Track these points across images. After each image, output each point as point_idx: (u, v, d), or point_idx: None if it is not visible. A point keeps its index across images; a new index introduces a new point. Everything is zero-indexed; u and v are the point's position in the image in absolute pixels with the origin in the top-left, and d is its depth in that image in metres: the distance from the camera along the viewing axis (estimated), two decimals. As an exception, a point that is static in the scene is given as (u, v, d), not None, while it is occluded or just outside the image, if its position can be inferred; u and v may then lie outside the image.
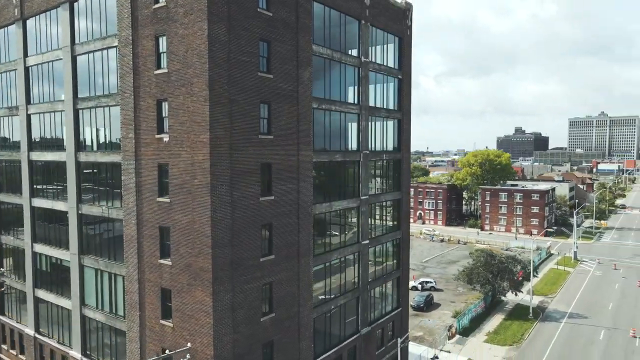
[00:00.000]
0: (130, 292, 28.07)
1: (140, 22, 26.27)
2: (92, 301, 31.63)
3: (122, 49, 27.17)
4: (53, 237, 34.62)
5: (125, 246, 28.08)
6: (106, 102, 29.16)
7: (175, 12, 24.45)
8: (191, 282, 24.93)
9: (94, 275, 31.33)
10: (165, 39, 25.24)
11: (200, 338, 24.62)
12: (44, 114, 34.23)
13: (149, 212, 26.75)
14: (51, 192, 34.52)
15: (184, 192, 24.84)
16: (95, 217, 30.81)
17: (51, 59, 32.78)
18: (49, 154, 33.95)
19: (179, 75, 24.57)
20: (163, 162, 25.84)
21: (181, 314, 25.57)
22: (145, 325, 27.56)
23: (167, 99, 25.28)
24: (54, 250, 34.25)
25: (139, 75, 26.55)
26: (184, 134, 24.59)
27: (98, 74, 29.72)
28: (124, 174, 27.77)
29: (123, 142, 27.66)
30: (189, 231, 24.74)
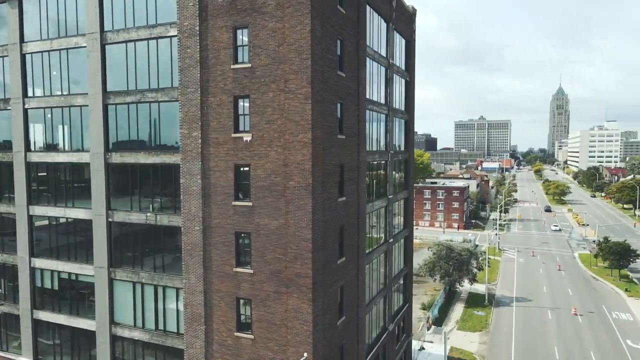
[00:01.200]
0: (192, 305, 25.71)
1: (210, 12, 24.22)
2: (127, 319, 28.32)
3: (184, 40, 24.78)
4: (64, 250, 30.31)
5: (186, 255, 25.64)
6: (154, 97, 26.35)
7: (264, 4, 22.98)
8: (281, 289, 23.61)
9: (130, 290, 28.06)
10: (247, 32, 23.60)
11: (295, 347, 23.44)
12: (52, 109, 29.83)
13: (220, 218, 24.76)
14: (61, 198, 30.18)
15: (273, 194, 23.44)
16: (133, 225, 27.63)
17: (66, 47, 28.71)
18: (60, 154, 29.66)
19: (267, 71, 23.14)
20: (242, 163, 24.11)
21: (266, 324, 24.09)
22: (213, 339, 25.45)
23: (250, 96, 23.66)
24: (67, 264, 30.00)
25: (208, 69, 24.46)
26: (273, 133, 23.22)
27: (142, 65, 26.72)
28: (184, 177, 25.36)
29: (184, 141, 25.23)
30: (280, 236, 23.43)
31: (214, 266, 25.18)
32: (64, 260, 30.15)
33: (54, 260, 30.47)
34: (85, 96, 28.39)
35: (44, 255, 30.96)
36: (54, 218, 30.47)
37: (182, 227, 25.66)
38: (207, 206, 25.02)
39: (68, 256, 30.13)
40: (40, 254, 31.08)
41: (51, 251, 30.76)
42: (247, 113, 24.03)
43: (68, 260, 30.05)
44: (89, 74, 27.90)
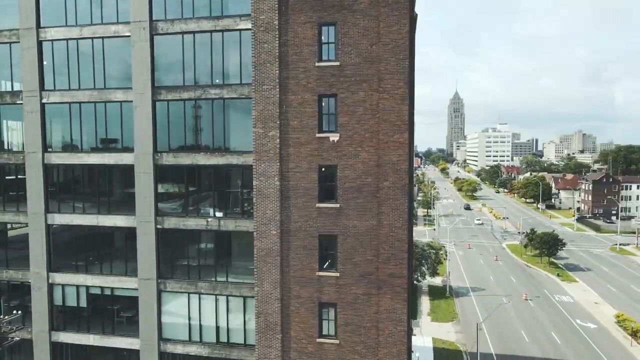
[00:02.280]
0: (266, 314, 24.41)
1: (291, 6, 23.22)
2: (180, 333, 26.07)
3: (260, 35, 23.46)
4: (94, 262, 27.07)
5: (259, 261, 24.26)
6: (218, 94, 24.58)
7: (355, 1, 22.55)
8: (371, 291, 23.33)
9: (185, 302, 25.87)
10: (334, 29, 22.99)
11: (387, 349, 23.30)
12: (81, 104, 26.47)
13: (301, 221, 23.81)
14: (91, 205, 26.91)
15: (363, 195, 23.08)
16: (188, 231, 25.53)
17: (101, 35, 25.69)
18: (92, 155, 26.42)
19: (358, 70, 22.74)
20: (328, 164, 23.42)
21: (353, 327, 23.64)
22: (290, 348, 24.39)
23: (337, 95, 23.07)
24: (99, 278, 26.82)
25: (288, 65, 23.42)
26: (364, 133, 22.88)
27: (203, 60, 24.77)
28: (259, 179, 24.00)
29: (259, 141, 23.86)
30: (371, 237, 23.14)
31: (292, 271, 24.15)
32: (94, 274, 26.94)
33: (81, 274, 27.09)
34: (127, 91, 25.64)
35: (67, 269, 27.41)
36: (80, 227, 27.07)
37: (255, 231, 24.26)
38: (286, 209, 23.93)
39: (100, 269, 26.99)
40: (61, 269, 27.45)
41: (77, 265, 27.32)
42: (332, 112, 23.41)
43: (100, 273, 26.91)
44: (134, 67, 25.25)
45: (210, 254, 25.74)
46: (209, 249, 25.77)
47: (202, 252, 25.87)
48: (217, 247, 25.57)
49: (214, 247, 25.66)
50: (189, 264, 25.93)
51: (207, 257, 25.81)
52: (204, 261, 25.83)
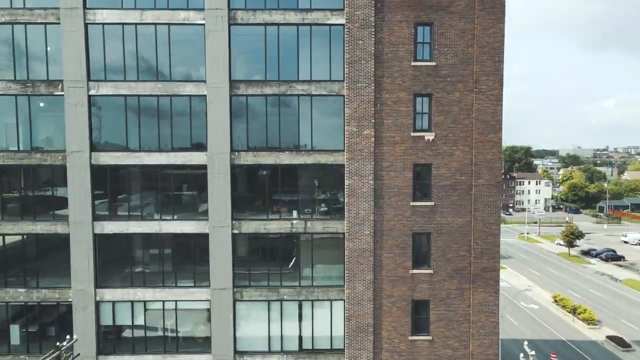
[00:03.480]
0: (357, 316, 23.89)
1: (387, 4, 23.05)
2: (257, 344, 24.39)
3: (354, 31, 22.92)
4: (153, 275, 24.19)
5: (351, 263, 23.67)
6: (305, 90, 23.49)
7: (452, 3, 23.07)
8: (464, 286, 24.03)
9: (264, 310, 24.27)
10: (430, 29, 23.27)
11: (480, 340, 24.16)
12: (139, 98, 23.50)
13: (395, 220, 23.71)
14: (151, 210, 24.04)
15: (458, 192, 23.69)
16: (266, 235, 24.03)
17: (166, 21, 23.10)
18: (153, 155, 23.58)
19: (454, 70, 23.30)
20: (422, 163, 23.62)
21: (446, 322, 24.14)
22: (382, 348, 24.16)
23: (433, 94, 23.38)
24: (161, 291, 24.03)
25: (383, 64, 23.21)
26: (459, 132, 23.50)
27: (288, 53, 23.46)
28: (352, 178, 23.42)
29: (352, 139, 23.28)
30: (464, 233, 23.83)
31: (384, 271, 23.97)
32: (156, 287, 24.13)
33: (138, 288, 24.10)
34: (199, 84, 23.39)
35: (118, 284, 24.19)
36: (134, 235, 24.07)
37: (347, 232, 23.64)
38: (379, 208, 23.68)
39: (162, 282, 24.25)
40: (111, 284, 24.16)
41: (132, 278, 24.24)
42: (426, 112, 23.67)
43: (163, 286, 24.19)
44: (208, 59, 23.11)
45: (293, 258, 24.49)
46: (289, 253, 24.49)
47: (284, 257, 24.50)
48: (302, 250, 24.39)
49: (296, 251, 24.45)
50: (269, 271, 24.40)
51: (288, 262, 24.51)
52: (285, 266, 24.49)
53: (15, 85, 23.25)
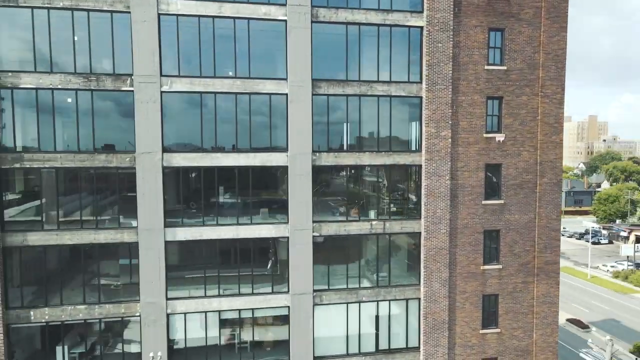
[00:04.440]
0: (433, 313, 24.31)
1: (464, 9, 23.73)
2: (335, 348, 23.94)
3: (435, 34, 23.33)
4: (226, 283, 22.82)
5: (428, 261, 24.04)
6: (385, 91, 23.47)
7: (521, 10, 24.28)
8: (528, 279, 25.37)
9: (342, 313, 23.87)
10: (501, 35, 24.29)
11: (542, 330, 25.62)
12: (216, 95, 22.05)
13: (468, 218, 24.46)
14: (227, 214, 22.64)
15: (524, 191, 24.96)
16: (347, 237, 23.69)
17: (246, 15, 21.96)
18: (230, 155, 22.23)
19: (522, 75, 24.54)
20: (493, 163, 24.59)
21: (512, 315, 25.34)
22: (455, 343, 24.81)
23: (503, 97, 24.44)
24: (237, 300, 22.74)
25: (460, 67, 23.86)
26: (526, 134, 24.78)
27: (369, 53, 23.28)
28: (430, 178, 23.80)
29: (429, 141, 23.66)
30: (529, 229, 25.17)
31: (458, 268, 24.64)
32: (231, 296, 22.82)
33: (213, 298, 22.62)
34: (280, 82, 22.50)
35: (191, 293, 22.55)
36: (205, 242, 22.59)
37: (425, 231, 23.99)
38: (454, 207, 24.30)
39: (238, 290, 22.98)
40: (182, 294, 22.46)
41: (205, 287, 22.70)
42: (496, 114, 24.67)
43: (239, 294, 22.93)
44: (290, 56, 22.30)
45: (371, 259, 24.33)
46: (366, 255, 24.31)
47: (361, 259, 24.26)
48: (379, 251, 24.30)
49: (374, 252, 24.34)
50: (347, 273, 24.04)
51: (367, 263, 24.32)
52: (363, 268, 24.26)
53: (75, 79, 20.85)
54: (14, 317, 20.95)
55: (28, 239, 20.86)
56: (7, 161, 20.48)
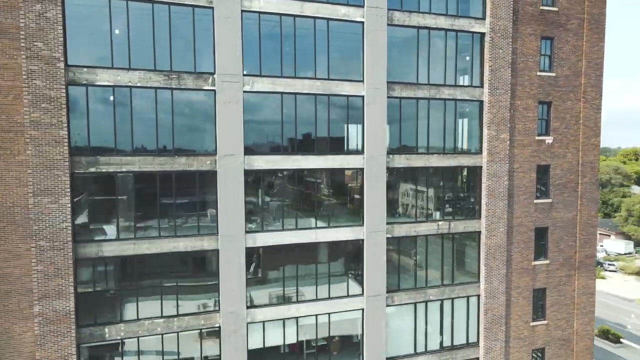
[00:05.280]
0: (492, 309, 25.27)
1: (520, 17, 24.91)
2: (404, 348, 24.16)
3: (497, 40, 24.28)
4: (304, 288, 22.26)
5: (488, 259, 24.95)
6: (451, 95, 24.06)
7: (568, 21, 25.88)
8: (570, 272, 27.10)
9: (410, 313, 24.14)
10: (551, 43, 25.74)
11: (582, 319, 27.47)
12: (296, 96, 21.45)
13: (522, 216, 25.69)
14: (307, 216, 22.08)
15: (568, 190, 26.63)
16: (414, 237, 24.00)
17: (325, 16, 21.60)
18: (309, 158, 21.71)
19: (567, 81, 26.18)
20: (543, 164, 26.01)
21: (557, 307, 26.94)
22: (510, 336, 25.95)
23: (552, 102, 25.92)
24: (315, 305, 22.27)
25: (517, 72, 25.01)
26: (570, 137, 26.46)
27: (437, 56, 23.72)
28: (490, 179, 24.72)
29: (490, 143, 24.57)
30: (572, 226, 26.89)
31: (513, 264, 25.80)
32: (309, 302, 22.31)
33: (292, 304, 22.00)
34: (356, 84, 22.36)
35: (269, 301, 21.79)
36: (281, 246, 21.94)
37: (486, 230, 24.88)
38: (510, 206, 25.42)
39: (315, 294, 22.51)
40: (259, 302, 21.64)
41: (284, 294, 22.03)
42: (544, 118, 26.10)
43: (316, 299, 22.47)
44: (367, 58, 22.25)
45: (435, 259, 24.78)
46: (432, 254, 24.75)
47: (427, 259, 24.64)
48: (444, 251, 24.82)
49: (438, 252, 24.82)
50: (416, 273, 24.35)
51: (432, 262, 24.75)
52: (429, 267, 24.66)
53: (156, 77, 19.44)
54: (87, 335, 19.18)
55: (103, 250, 19.18)
56: (81, 165, 18.70)
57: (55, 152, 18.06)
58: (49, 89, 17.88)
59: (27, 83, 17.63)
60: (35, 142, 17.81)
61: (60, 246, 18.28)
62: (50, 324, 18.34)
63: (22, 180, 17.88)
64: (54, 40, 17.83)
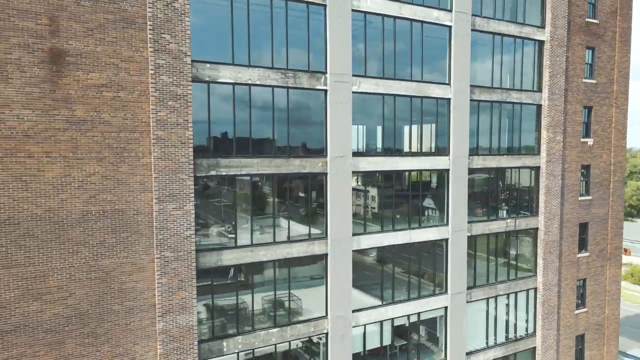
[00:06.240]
0: (548, 300, 26.97)
1: (571, 27, 26.81)
2: (479, 342, 25.03)
3: (555, 48, 25.94)
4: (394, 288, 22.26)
5: (545, 254, 26.60)
6: (518, 99, 25.32)
7: (604, 33, 28.26)
8: (604, 263, 29.64)
9: (483, 308, 25.05)
10: (592, 52, 27.96)
11: (611, 305, 30.13)
12: (395, 98, 21.39)
13: (570, 213, 27.67)
14: (400, 219, 22.04)
15: (602, 188, 29.10)
16: (487, 235, 24.95)
17: (420, 18, 21.81)
18: (406, 159, 21.76)
19: (604, 88, 28.60)
20: (586, 164, 28.18)
21: (594, 295, 29.35)
22: (560, 325, 27.83)
23: (592, 107, 28.18)
24: (408, 305, 22.35)
25: (568, 79, 26.90)
26: (605, 139, 28.93)
27: (507, 61, 24.81)
28: (548, 178, 26.36)
29: (549, 144, 26.21)
30: (604, 221, 29.41)
31: (563, 257, 27.70)
32: (403, 302, 22.37)
33: (388, 306, 21.93)
34: (445, 87, 22.81)
35: (370, 303, 21.55)
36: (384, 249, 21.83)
37: (544, 226, 26.49)
38: (561, 204, 27.27)
39: (408, 295, 22.62)
40: (361, 304, 21.34)
41: (382, 295, 21.88)
42: (585, 121, 28.30)
43: (408, 299, 22.59)
44: (454, 62, 22.79)
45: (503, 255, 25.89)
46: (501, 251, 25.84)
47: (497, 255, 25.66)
48: (509, 247, 26.01)
49: (506, 249, 25.97)
50: (488, 269, 25.28)
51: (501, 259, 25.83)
52: (499, 264, 25.72)
53: (274, 74, 18.51)
54: (206, 350, 17.84)
55: (222, 258, 17.95)
56: (202, 168, 17.35)
57: (180, 154, 16.63)
58: (176, 85, 16.42)
59: (154, 79, 16.07)
60: (161, 143, 16.28)
61: (185, 256, 16.87)
62: (173, 341, 16.86)
63: (146, 185, 16.26)
64: (181, 32, 16.41)
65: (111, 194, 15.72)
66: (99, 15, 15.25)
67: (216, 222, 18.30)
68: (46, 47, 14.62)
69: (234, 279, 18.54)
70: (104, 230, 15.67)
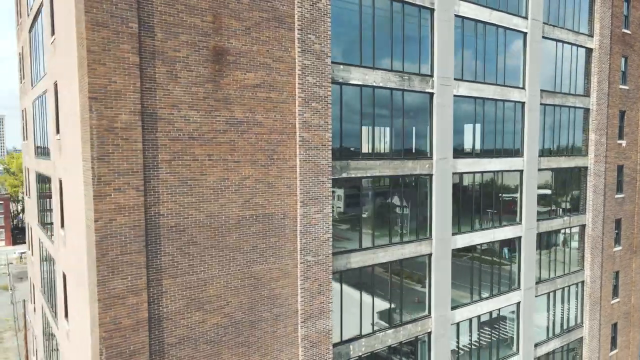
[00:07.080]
0: (593, 292, 28.76)
1: (613, 37, 28.77)
2: (541, 335, 26.24)
3: (602, 55, 27.75)
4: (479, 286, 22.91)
5: (592, 249, 28.36)
6: (573, 103, 26.85)
7: (634, 43, 30.55)
8: (632, 256, 31.97)
9: (544, 302, 26.30)
10: (625, 61, 30.12)
11: (636, 294, 32.52)
12: (484, 101, 22.03)
13: (609, 210, 29.65)
14: (483, 218, 22.72)
15: (631, 186, 31.39)
16: (549, 233, 26.25)
17: (504, 24, 22.66)
18: (494, 161, 22.46)
19: (634, 94, 30.89)
20: (620, 164, 30.29)
21: (625, 285, 31.59)
22: (601, 315, 29.72)
23: (625, 111, 30.36)
24: (488, 303, 23.07)
25: (609, 85, 28.83)
26: (633, 140, 31.23)
27: (564, 67, 26.24)
28: (595, 178, 28.14)
29: (596, 146, 27.99)
30: (632, 217, 31.73)
31: (603, 252, 29.61)
32: (489, 299, 23.08)
33: (477, 303, 22.55)
34: (521, 91, 23.81)
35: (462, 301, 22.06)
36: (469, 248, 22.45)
37: (591, 223, 28.23)
38: (603, 201, 29.19)
39: (491, 290, 23.36)
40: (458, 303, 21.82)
41: (472, 294, 22.47)
42: (620, 125, 30.43)
43: (491, 296, 23.34)
44: (529, 67, 23.87)
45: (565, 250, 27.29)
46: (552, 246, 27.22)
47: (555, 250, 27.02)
48: (562, 244, 27.44)
49: (556, 246, 27.39)
50: (549, 265, 26.57)
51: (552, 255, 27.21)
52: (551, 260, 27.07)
53: (394, 77, 18.62)
54: (336, 354, 17.64)
55: (351, 261, 17.85)
56: (335, 170, 17.18)
57: (321, 157, 16.40)
58: (319, 86, 16.18)
59: (301, 79, 15.76)
60: (305, 145, 15.99)
61: (323, 260, 16.65)
62: (313, 347, 16.58)
63: (292, 188, 15.90)
64: (324, 33, 16.20)
65: (262, 197, 15.24)
66: (255, 13, 14.77)
67: (345, 223, 18.15)
68: (210, 46, 13.98)
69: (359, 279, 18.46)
70: (256, 236, 15.17)
